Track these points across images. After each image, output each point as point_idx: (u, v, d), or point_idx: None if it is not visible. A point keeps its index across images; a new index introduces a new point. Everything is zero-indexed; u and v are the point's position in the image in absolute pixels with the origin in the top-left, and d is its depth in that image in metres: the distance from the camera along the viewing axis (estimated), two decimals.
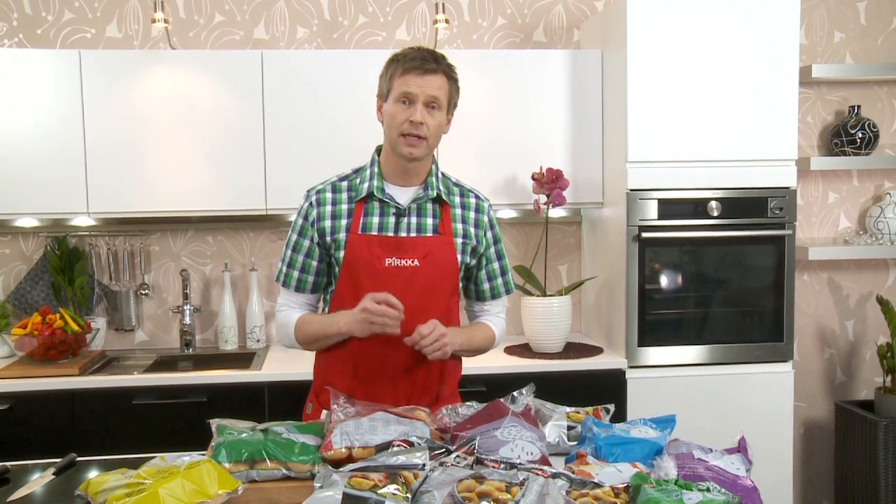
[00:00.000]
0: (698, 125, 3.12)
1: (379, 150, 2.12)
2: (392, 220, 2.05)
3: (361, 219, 2.05)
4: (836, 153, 3.67)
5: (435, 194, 2.08)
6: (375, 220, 2.05)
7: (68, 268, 3.35)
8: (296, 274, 2.11)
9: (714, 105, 3.12)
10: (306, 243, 2.09)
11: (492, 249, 2.19)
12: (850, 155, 3.63)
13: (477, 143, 3.25)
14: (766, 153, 3.16)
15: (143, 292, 3.49)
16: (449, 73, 2.03)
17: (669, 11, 3.07)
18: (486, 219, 2.16)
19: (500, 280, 2.22)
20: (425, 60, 1.98)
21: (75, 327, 3.12)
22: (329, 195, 2.08)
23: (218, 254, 3.57)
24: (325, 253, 2.08)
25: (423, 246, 2.04)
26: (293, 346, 2.17)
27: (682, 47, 3.09)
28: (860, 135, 3.59)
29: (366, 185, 2.06)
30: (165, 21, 3.27)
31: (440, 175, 2.12)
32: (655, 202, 3.12)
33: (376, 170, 2.08)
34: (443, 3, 3.35)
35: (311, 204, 2.09)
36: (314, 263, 2.10)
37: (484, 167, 3.26)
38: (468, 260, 2.12)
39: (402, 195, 2.08)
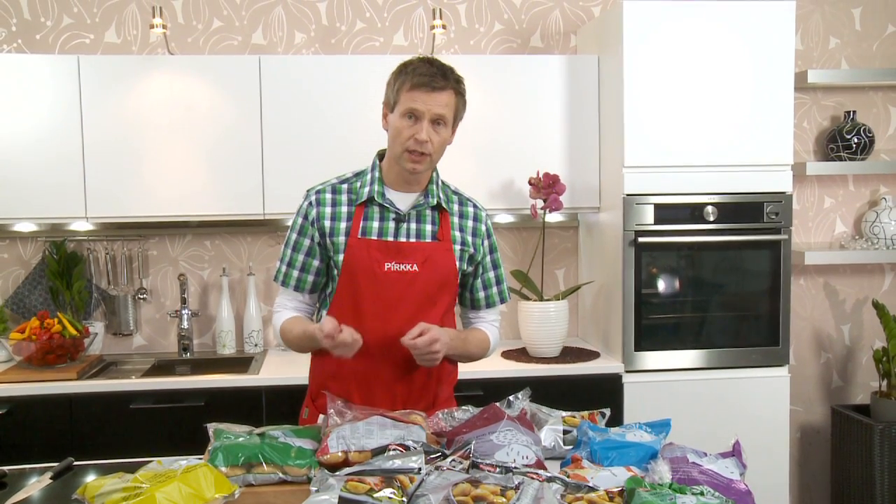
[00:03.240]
0: (694, 130, 3.13)
1: (381, 155, 2.12)
2: (392, 225, 2.05)
3: (361, 223, 2.04)
4: (831, 158, 3.68)
5: (435, 202, 2.08)
6: (375, 224, 2.05)
7: (66, 272, 3.36)
8: (296, 273, 2.11)
9: (710, 110, 3.13)
10: (307, 242, 2.09)
11: (488, 258, 2.19)
12: (845, 160, 3.64)
13: (474, 148, 3.26)
14: (762, 158, 3.17)
15: (141, 297, 3.50)
16: (457, 89, 2.02)
17: (666, 17, 3.08)
18: (483, 228, 2.16)
19: (495, 289, 2.22)
20: (434, 77, 1.96)
21: (73, 332, 3.12)
22: (329, 196, 2.08)
23: (216, 258, 3.57)
24: (325, 253, 2.08)
25: (423, 251, 2.04)
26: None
27: (679, 53, 3.10)
28: (856, 140, 3.60)
29: (367, 189, 2.06)
30: (164, 26, 3.28)
31: (440, 183, 2.13)
32: (652, 207, 3.13)
33: (377, 175, 2.08)
34: (440, 9, 3.36)
35: (310, 203, 2.08)
36: (315, 263, 2.09)
37: (481, 172, 3.27)
38: (465, 267, 2.13)
39: (403, 201, 2.08)
